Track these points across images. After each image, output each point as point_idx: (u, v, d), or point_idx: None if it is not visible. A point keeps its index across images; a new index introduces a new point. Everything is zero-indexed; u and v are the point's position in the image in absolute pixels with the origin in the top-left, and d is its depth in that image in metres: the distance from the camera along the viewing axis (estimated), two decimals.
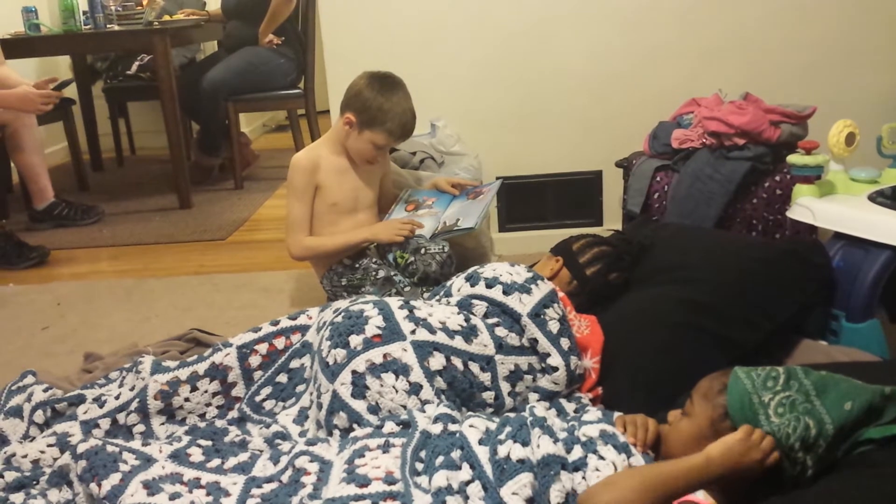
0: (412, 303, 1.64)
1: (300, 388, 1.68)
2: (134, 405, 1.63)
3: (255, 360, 1.70)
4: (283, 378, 1.70)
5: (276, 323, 1.75)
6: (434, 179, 2.44)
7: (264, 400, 1.69)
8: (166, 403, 1.64)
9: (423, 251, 2.17)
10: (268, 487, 1.39)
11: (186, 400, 1.65)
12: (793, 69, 2.69)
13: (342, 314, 1.60)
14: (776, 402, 1.18)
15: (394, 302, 1.62)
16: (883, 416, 1.18)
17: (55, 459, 1.56)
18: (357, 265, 2.26)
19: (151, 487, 1.33)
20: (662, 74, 2.71)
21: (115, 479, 1.34)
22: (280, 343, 1.72)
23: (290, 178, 2.25)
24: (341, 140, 2.25)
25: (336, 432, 1.49)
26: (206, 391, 1.67)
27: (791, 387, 1.19)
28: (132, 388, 1.67)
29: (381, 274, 2.20)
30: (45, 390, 1.78)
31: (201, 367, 1.68)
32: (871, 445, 1.17)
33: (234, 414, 1.68)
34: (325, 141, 2.30)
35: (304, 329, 1.74)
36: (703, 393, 1.27)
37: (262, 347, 1.72)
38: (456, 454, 1.27)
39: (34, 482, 1.51)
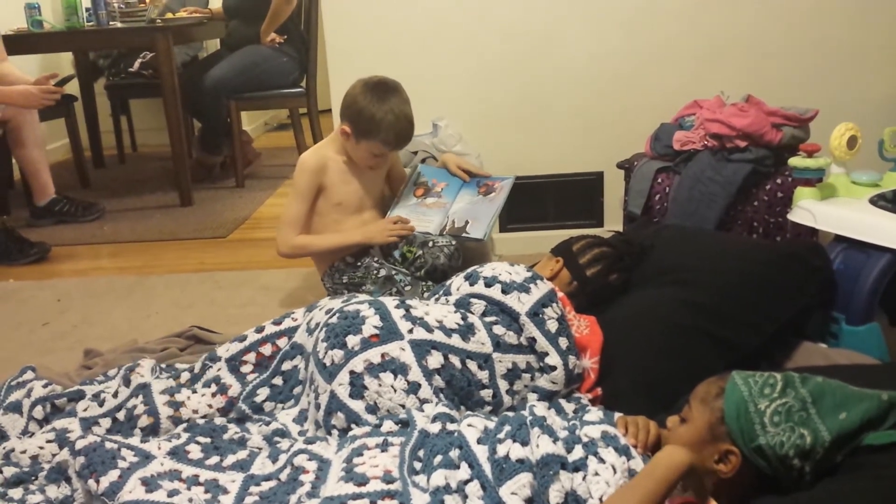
0: (408, 302, 1.64)
1: (297, 389, 1.68)
2: (140, 405, 1.64)
3: (246, 369, 1.72)
4: (278, 381, 1.70)
5: (260, 330, 1.76)
6: (444, 157, 2.43)
7: (264, 401, 1.68)
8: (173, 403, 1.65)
9: (430, 244, 2.19)
10: (266, 485, 1.39)
11: (188, 398, 1.66)
12: (795, 72, 2.69)
13: (337, 315, 1.59)
14: (772, 410, 1.18)
15: (390, 301, 1.62)
16: (884, 422, 1.18)
17: (54, 455, 1.56)
18: (359, 263, 2.26)
19: (150, 484, 1.33)
20: (665, 76, 2.71)
21: (113, 475, 1.34)
22: (267, 350, 1.73)
23: (295, 177, 2.26)
24: (343, 143, 2.25)
25: (335, 432, 1.49)
26: (205, 394, 1.68)
27: (787, 394, 1.19)
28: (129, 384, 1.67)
29: (383, 273, 2.21)
30: (45, 386, 1.79)
31: (198, 387, 1.70)
32: (872, 451, 1.17)
33: (233, 414, 1.67)
34: (331, 141, 2.31)
35: (289, 332, 1.74)
36: (701, 397, 1.27)
37: (251, 357, 1.73)
38: (454, 453, 1.26)
39: (33, 478, 1.51)
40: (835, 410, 1.17)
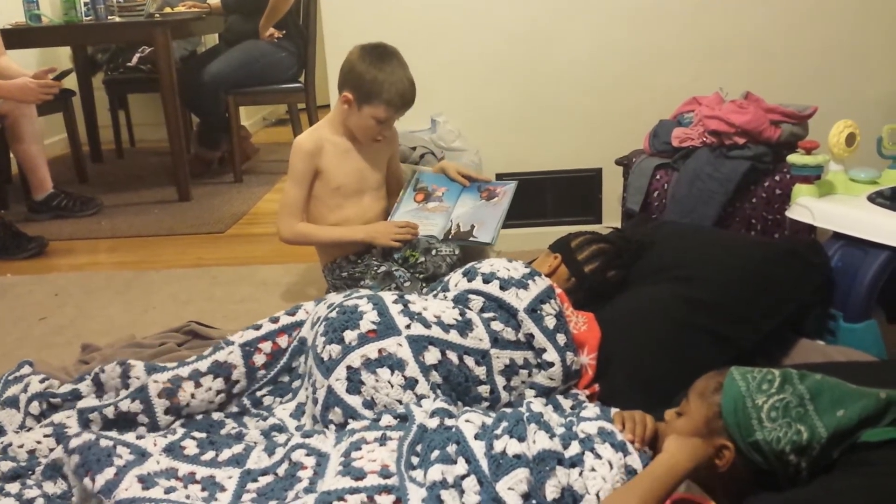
0: (407, 297, 1.64)
1: (296, 384, 1.68)
2: (137, 406, 1.58)
3: (259, 359, 1.67)
4: (285, 378, 1.69)
5: (275, 320, 1.72)
6: (441, 164, 2.41)
7: (265, 396, 1.68)
8: (172, 400, 1.58)
9: (433, 252, 2.16)
10: (263, 481, 1.38)
11: (192, 396, 1.60)
12: (794, 69, 2.69)
13: (336, 309, 1.59)
14: (769, 406, 1.18)
15: (388, 296, 1.62)
16: (881, 419, 1.18)
17: (51, 450, 1.55)
18: (360, 260, 2.26)
19: (146, 482, 1.33)
20: (664, 73, 2.71)
21: (108, 473, 1.34)
22: (283, 341, 1.70)
23: (291, 161, 2.23)
24: (343, 120, 2.22)
25: (332, 427, 1.49)
26: (209, 388, 1.62)
27: (785, 390, 1.19)
28: (129, 388, 1.64)
29: (383, 268, 2.20)
30: (42, 381, 1.78)
31: (203, 365, 1.63)
32: (869, 448, 1.17)
33: (232, 408, 1.66)
34: (327, 122, 2.27)
35: (303, 325, 1.73)
36: (699, 392, 1.27)
37: (266, 346, 1.68)
38: (452, 448, 1.27)
39: (30, 472, 1.51)
40: (832, 407, 1.17)
